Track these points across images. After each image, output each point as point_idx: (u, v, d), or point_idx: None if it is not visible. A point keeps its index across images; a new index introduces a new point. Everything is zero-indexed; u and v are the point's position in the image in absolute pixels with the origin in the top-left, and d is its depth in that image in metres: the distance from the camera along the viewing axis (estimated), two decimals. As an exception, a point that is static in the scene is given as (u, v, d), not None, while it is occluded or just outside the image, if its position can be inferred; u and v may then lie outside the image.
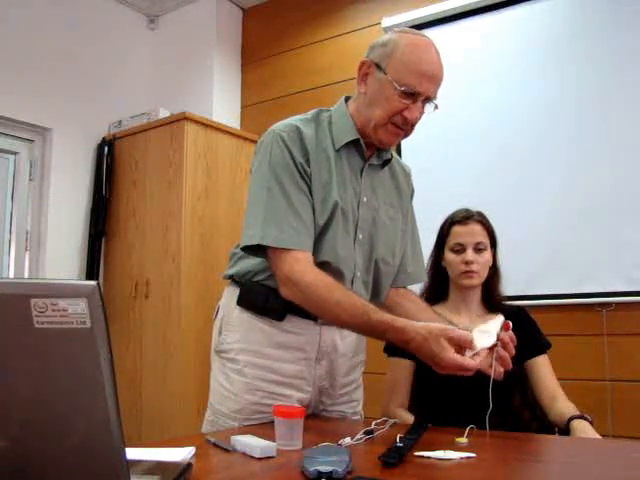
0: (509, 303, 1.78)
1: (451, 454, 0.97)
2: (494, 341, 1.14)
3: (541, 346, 1.68)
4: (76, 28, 3.44)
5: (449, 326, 1.15)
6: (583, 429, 1.42)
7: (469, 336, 1.09)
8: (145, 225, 3.24)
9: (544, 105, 2.73)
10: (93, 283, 0.60)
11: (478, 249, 1.67)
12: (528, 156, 2.73)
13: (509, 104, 2.82)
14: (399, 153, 2.90)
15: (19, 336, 0.60)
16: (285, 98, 3.56)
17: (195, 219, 3.12)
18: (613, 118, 2.57)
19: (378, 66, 1.30)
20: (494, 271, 1.74)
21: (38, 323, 0.59)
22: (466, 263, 1.66)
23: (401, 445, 0.98)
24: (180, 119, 3.16)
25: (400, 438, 1.03)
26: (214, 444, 1.05)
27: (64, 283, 0.61)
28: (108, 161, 3.42)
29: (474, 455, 0.97)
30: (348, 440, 1.06)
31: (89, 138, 3.47)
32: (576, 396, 1.61)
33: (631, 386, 2.42)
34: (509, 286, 1.81)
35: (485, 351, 1.12)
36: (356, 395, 1.49)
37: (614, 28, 2.61)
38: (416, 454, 0.97)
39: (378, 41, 1.34)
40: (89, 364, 0.60)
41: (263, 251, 1.28)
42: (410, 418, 1.57)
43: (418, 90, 1.26)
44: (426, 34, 1.35)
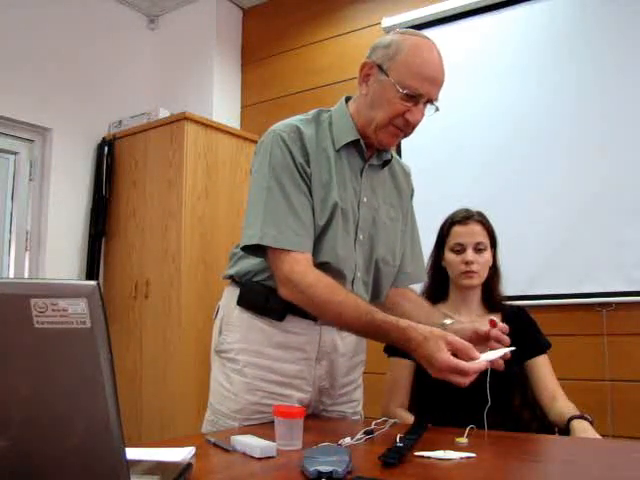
0: (509, 303, 1.79)
1: (451, 454, 0.97)
2: (494, 357, 1.13)
3: (541, 346, 1.69)
4: (76, 28, 3.44)
5: (450, 334, 1.13)
6: (583, 429, 1.42)
7: (469, 345, 1.09)
8: (145, 225, 3.24)
9: (544, 105, 2.73)
10: (93, 283, 0.60)
11: (478, 249, 1.67)
12: (528, 156, 2.73)
13: (509, 104, 2.82)
14: (399, 153, 2.90)
15: (19, 336, 0.60)
16: (285, 98, 3.56)
17: (195, 219, 3.12)
18: (613, 118, 2.56)
19: (380, 68, 1.29)
20: (494, 271, 1.74)
21: (38, 323, 0.59)
22: (466, 263, 1.66)
23: (401, 445, 0.98)
24: (180, 119, 3.16)
25: (400, 438, 1.03)
26: (214, 444, 1.05)
27: (64, 283, 0.61)
28: (108, 161, 3.42)
29: (474, 455, 0.97)
30: (348, 440, 1.06)
31: (89, 138, 3.47)
32: (576, 396, 1.61)
33: (631, 386, 2.42)
34: (509, 286, 1.81)
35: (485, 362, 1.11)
36: (356, 395, 1.49)
37: (614, 28, 2.61)
38: (416, 454, 0.97)
39: (380, 42, 1.33)
40: (89, 364, 0.60)
41: (263, 251, 1.28)
42: (410, 418, 1.57)
43: (420, 93, 1.26)
44: (426, 34, 1.35)
